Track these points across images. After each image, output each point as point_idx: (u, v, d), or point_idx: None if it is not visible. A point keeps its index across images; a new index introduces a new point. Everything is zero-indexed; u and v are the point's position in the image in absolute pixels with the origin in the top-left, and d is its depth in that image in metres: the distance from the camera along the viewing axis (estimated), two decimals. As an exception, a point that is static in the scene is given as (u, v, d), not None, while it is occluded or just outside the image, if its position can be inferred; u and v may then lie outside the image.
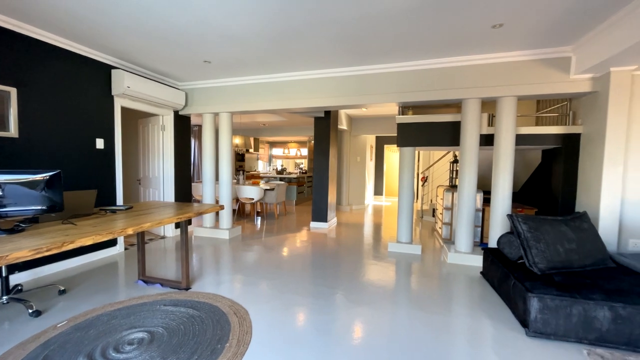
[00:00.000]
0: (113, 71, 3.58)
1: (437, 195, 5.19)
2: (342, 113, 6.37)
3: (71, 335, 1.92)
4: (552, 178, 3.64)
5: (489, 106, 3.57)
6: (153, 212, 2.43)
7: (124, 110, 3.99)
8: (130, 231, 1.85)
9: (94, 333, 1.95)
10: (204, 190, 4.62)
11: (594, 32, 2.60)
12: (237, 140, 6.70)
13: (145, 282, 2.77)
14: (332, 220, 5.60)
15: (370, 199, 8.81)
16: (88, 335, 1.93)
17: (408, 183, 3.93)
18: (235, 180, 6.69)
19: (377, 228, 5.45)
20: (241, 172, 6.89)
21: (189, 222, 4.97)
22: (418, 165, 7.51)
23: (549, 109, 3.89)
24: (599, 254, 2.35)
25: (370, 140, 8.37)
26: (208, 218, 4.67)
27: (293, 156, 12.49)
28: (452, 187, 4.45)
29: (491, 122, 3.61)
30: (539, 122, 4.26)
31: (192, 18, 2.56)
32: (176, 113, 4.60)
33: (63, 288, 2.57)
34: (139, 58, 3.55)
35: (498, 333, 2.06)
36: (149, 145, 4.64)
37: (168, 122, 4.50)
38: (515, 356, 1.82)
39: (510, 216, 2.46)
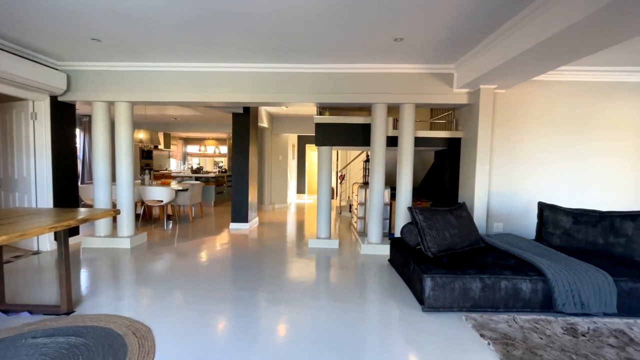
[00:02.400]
0: (-52, 38, 2.70)
1: (353, 192, 5.57)
2: (263, 110, 6.24)
3: None
4: (443, 175, 4.30)
5: (394, 111, 4.00)
6: (15, 221, 1.92)
7: (-30, 91, 3.05)
8: (-28, 249, 1.41)
9: None
10: (96, 192, 3.90)
11: (468, 54, 3.17)
12: (142, 135, 5.86)
13: (4, 312, 2.17)
14: (254, 220, 5.45)
15: (293, 197, 8.90)
16: None
17: (326, 181, 4.10)
18: (139, 181, 5.86)
19: (299, 225, 5.53)
20: (147, 171, 6.08)
21: (75, 231, 4.13)
22: (337, 164, 7.92)
23: (440, 116, 4.59)
24: (474, 236, 2.89)
25: (292, 139, 8.43)
26: (102, 225, 3.96)
27: (211, 154, 11.68)
28: (365, 184, 4.84)
29: (395, 125, 4.05)
30: (432, 127, 4.98)
31: (71, -16, 2.12)
32: (54, 99, 3.75)
33: None
34: (-9, 25, 2.75)
35: (401, 313, 2.32)
36: (12, 137, 3.67)
37: (42, 109, 3.63)
38: (413, 331, 2.07)
39: (409, 208, 2.80)
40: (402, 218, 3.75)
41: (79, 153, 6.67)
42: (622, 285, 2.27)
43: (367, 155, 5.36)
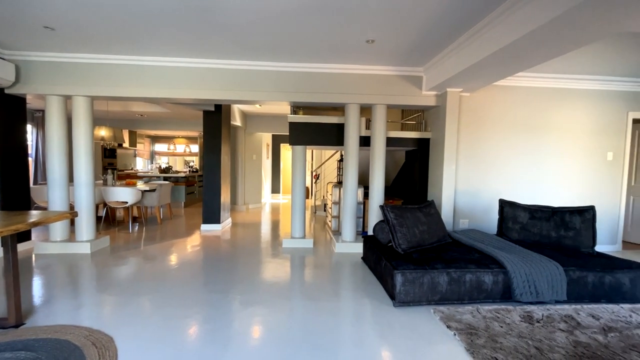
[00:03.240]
0: None
1: (327, 191, 5.60)
2: (236, 108, 6.10)
3: None
4: (413, 174, 4.46)
5: (366, 112, 4.08)
6: (-48, 227, 1.72)
7: None
8: None
9: None
10: (50, 194, 3.60)
11: (436, 58, 3.31)
12: (104, 132, 5.50)
13: (-60, 328, 1.94)
14: (227, 221, 5.31)
15: (267, 197, 8.79)
16: None
17: (300, 180, 4.09)
18: (101, 181, 5.50)
19: (274, 226, 5.48)
20: (110, 170, 5.71)
21: (27, 236, 3.79)
22: (312, 164, 7.93)
23: (410, 117, 4.74)
24: (442, 233, 3.02)
25: (266, 138, 8.32)
26: (58, 229, 3.67)
27: (181, 153, 11.24)
28: (339, 184, 4.89)
29: (368, 125, 4.13)
30: (403, 127, 5.14)
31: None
32: (1, 91, 3.41)
33: None
34: None
35: (374, 309, 2.37)
36: (-51, 133, 3.29)
37: (-15, 103, 3.29)
38: (386, 326, 2.13)
39: (381, 207, 2.87)
40: (375, 216, 3.83)
41: (31, 151, 6.13)
42: (571, 274, 2.48)
43: (341, 155, 5.42)
